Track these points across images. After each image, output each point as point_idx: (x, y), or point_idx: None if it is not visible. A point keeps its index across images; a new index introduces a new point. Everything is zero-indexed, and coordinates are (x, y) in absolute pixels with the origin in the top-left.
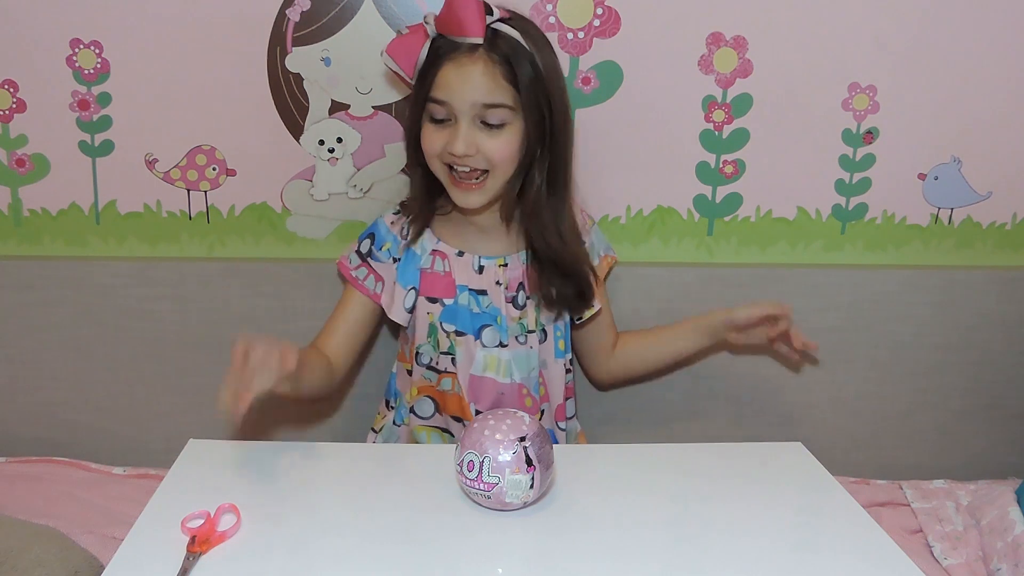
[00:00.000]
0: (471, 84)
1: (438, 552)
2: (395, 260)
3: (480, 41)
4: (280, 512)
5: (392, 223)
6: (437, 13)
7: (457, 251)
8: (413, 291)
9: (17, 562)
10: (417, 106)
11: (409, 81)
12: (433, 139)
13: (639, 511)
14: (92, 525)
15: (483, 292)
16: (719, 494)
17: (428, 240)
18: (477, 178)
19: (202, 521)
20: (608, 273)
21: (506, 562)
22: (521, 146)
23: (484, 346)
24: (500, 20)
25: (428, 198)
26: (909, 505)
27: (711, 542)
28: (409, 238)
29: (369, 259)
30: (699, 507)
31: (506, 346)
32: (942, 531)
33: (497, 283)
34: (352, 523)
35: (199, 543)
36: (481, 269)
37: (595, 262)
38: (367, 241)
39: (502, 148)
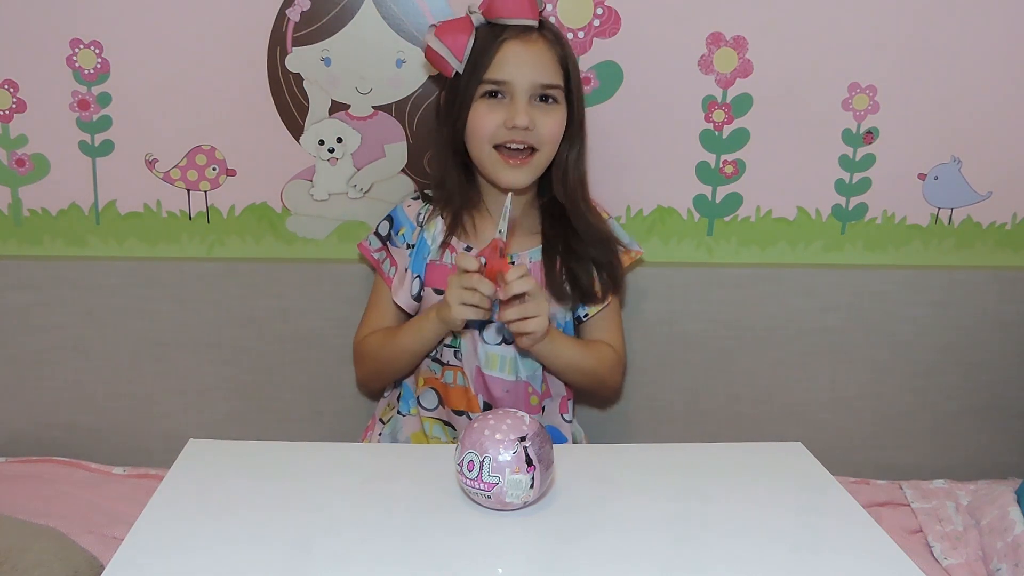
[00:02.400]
0: (532, 63)
1: (438, 552)
2: (409, 247)
3: (535, 24)
4: (280, 512)
5: (409, 207)
6: (480, 4)
7: (465, 246)
8: (418, 279)
9: (17, 562)
10: (469, 90)
11: (455, 66)
12: (487, 119)
13: (639, 511)
14: (92, 525)
15: None
16: (719, 494)
17: (439, 231)
18: (525, 155)
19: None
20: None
21: (506, 562)
22: (564, 128)
23: (486, 342)
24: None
25: (466, 194)
26: (909, 505)
27: (711, 542)
28: (430, 217)
29: (388, 243)
30: (699, 507)
31: (511, 343)
32: (942, 531)
33: None
34: (352, 523)
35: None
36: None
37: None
38: (385, 223)
39: (554, 126)
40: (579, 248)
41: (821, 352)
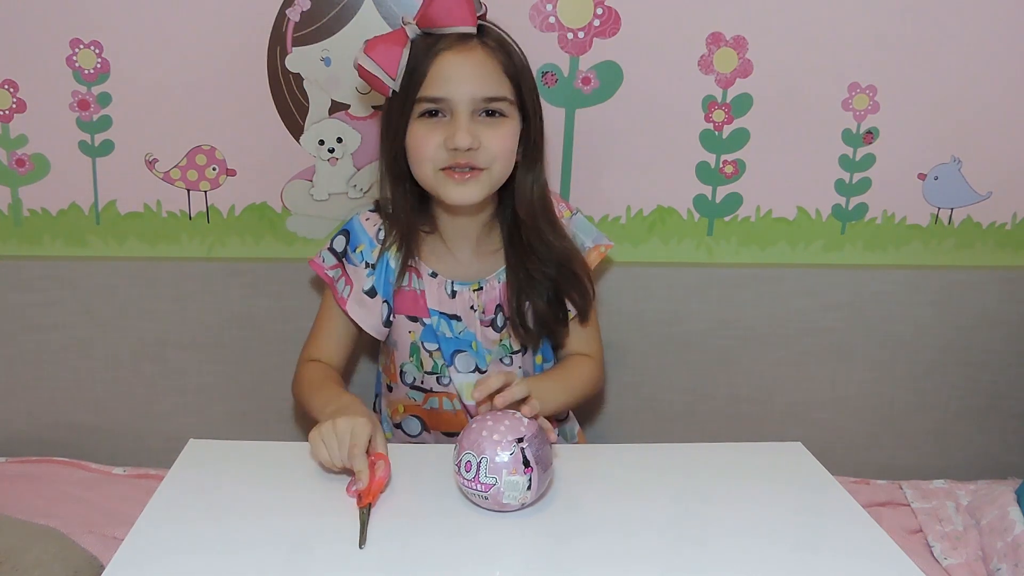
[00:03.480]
0: (471, 75)
1: (436, 552)
2: (368, 266)
3: (473, 31)
4: (280, 512)
5: (367, 220)
6: (414, 14)
7: (430, 271)
8: (387, 305)
9: (17, 562)
10: (404, 109)
11: (390, 84)
12: (426, 139)
13: (639, 511)
14: (92, 525)
15: (456, 317)
16: (719, 494)
17: (399, 254)
18: (470, 171)
19: (362, 484)
20: (602, 265)
21: (504, 563)
22: (516, 142)
23: (459, 371)
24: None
25: (414, 216)
26: (909, 505)
27: (711, 542)
28: (386, 245)
29: (344, 259)
30: (699, 507)
31: (484, 372)
32: (942, 531)
33: (472, 308)
34: (351, 523)
35: (366, 497)
36: (454, 294)
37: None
38: (341, 239)
39: (502, 141)
40: (542, 270)
41: (821, 352)
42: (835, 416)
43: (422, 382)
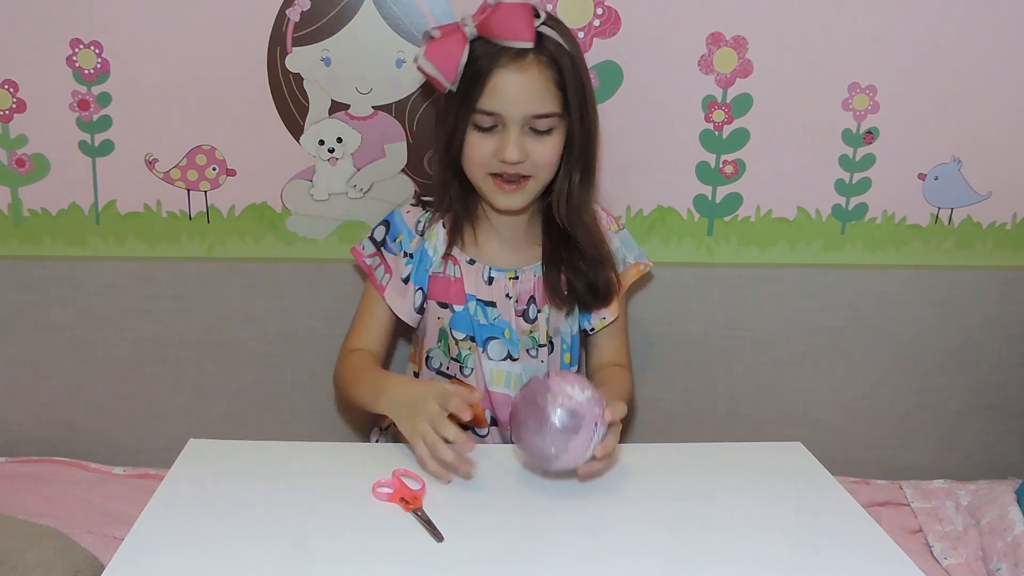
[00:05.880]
0: (525, 94)
1: (438, 552)
2: (406, 255)
3: (530, 46)
4: (280, 511)
5: (408, 212)
6: (474, 13)
7: (469, 259)
8: (421, 292)
9: (17, 562)
10: (461, 115)
11: (448, 86)
12: (481, 147)
13: (639, 511)
14: (92, 525)
15: (491, 304)
16: (719, 494)
17: (441, 242)
18: (518, 180)
19: (391, 490)
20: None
21: (505, 561)
22: (563, 149)
23: (490, 359)
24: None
25: (467, 204)
26: (909, 505)
27: (711, 542)
28: (429, 228)
29: (382, 248)
30: (699, 507)
31: (516, 359)
32: (942, 531)
33: (507, 296)
34: (352, 523)
35: (413, 503)
36: (491, 280)
37: (620, 269)
38: (381, 228)
39: (548, 153)
40: (578, 263)
41: (821, 352)
42: (835, 416)
43: (447, 368)
